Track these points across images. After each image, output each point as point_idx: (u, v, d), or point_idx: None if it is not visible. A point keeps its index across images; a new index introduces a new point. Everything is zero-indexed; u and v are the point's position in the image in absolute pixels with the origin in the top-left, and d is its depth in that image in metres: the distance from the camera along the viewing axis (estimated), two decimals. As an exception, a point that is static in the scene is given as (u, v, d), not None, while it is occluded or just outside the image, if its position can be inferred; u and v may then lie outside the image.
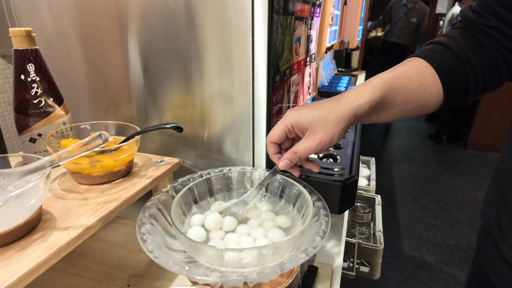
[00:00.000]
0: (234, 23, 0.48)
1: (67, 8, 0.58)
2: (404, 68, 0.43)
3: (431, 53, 0.44)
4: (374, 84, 0.41)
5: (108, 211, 0.39)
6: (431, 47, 0.46)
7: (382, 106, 0.41)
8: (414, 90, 0.42)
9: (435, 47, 0.45)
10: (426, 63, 0.43)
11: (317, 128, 0.40)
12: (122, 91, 0.61)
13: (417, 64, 0.43)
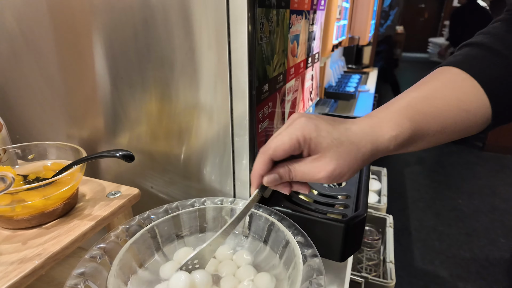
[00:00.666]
0: (203, 20, 0.36)
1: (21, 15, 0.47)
2: (436, 84, 0.33)
3: (470, 59, 0.34)
4: (401, 111, 0.31)
5: (20, 276, 0.29)
6: (468, 52, 0.35)
7: (412, 140, 0.31)
8: (452, 113, 0.31)
9: (474, 52, 0.34)
10: (465, 74, 0.32)
11: (334, 156, 0.30)
12: (86, 106, 0.51)
13: (452, 77, 0.32)
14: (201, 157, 0.46)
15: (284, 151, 0.31)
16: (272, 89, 0.47)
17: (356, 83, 1.47)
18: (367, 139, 0.31)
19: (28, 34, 0.49)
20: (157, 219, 0.40)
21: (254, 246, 0.41)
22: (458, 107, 0.31)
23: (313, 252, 0.34)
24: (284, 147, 0.31)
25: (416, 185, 2.49)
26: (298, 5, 0.53)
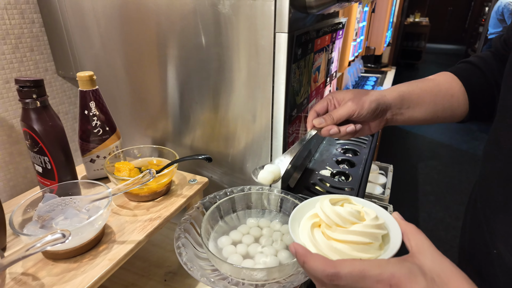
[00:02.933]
0: (257, 71, 0.56)
1: (116, 45, 0.68)
2: (434, 76, 0.53)
3: (460, 70, 0.54)
4: (404, 83, 0.52)
5: (153, 228, 0.50)
6: (461, 65, 0.55)
7: (410, 99, 0.50)
8: (442, 92, 0.51)
9: (464, 66, 0.55)
10: (455, 76, 0.52)
11: (351, 100, 0.50)
12: (160, 113, 0.72)
13: (448, 76, 0.53)
14: (247, 157, 0.66)
15: (321, 106, 0.53)
16: (298, 111, 0.67)
17: (371, 85, 1.62)
18: (374, 93, 0.50)
19: (126, 62, 0.69)
20: (220, 198, 0.61)
21: (284, 219, 0.61)
22: (447, 91, 0.51)
23: (323, 223, 0.54)
24: (321, 104, 0.53)
25: (428, 179, 2.62)
26: (320, 45, 0.71)
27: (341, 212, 0.36)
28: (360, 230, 0.35)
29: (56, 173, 0.50)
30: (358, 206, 0.40)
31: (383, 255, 0.34)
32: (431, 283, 0.28)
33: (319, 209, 0.38)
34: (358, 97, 0.49)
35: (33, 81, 0.46)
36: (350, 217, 0.36)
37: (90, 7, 0.67)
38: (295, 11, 0.53)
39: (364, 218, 0.37)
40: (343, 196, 0.41)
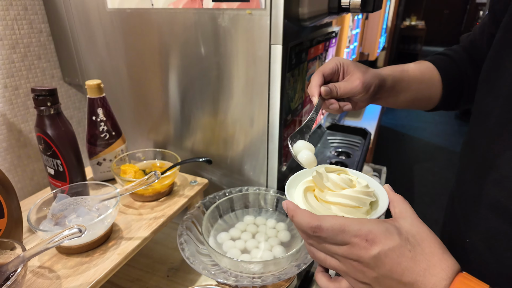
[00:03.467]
0: (254, 80, 0.60)
1: (121, 54, 0.72)
2: (419, 64, 0.58)
3: (438, 60, 0.59)
4: (396, 67, 0.56)
5: (158, 225, 0.54)
6: (438, 56, 0.60)
7: (402, 85, 0.55)
8: (425, 80, 0.56)
9: (442, 57, 0.60)
10: (434, 67, 0.58)
11: (357, 74, 0.50)
12: (162, 118, 0.76)
13: (428, 65, 0.58)
14: (245, 159, 0.70)
15: (330, 69, 0.50)
16: (293, 116, 0.71)
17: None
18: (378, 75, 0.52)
19: (130, 70, 0.73)
20: (220, 198, 0.64)
21: (280, 217, 0.65)
22: (429, 79, 0.57)
23: (316, 221, 0.58)
24: (330, 66, 0.50)
25: (424, 181, 2.66)
26: (314, 54, 0.76)
27: (333, 178, 0.39)
28: (349, 194, 0.37)
29: (68, 175, 0.54)
30: (353, 177, 0.42)
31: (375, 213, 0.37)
32: (405, 241, 0.31)
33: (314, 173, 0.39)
34: (365, 78, 0.50)
35: (48, 90, 0.50)
36: (341, 183, 0.38)
37: (96, 18, 0.71)
38: (289, 23, 0.57)
39: (355, 186, 0.40)
40: (340, 167, 0.43)
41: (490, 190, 0.41)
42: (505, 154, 0.40)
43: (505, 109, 0.41)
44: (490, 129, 0.43)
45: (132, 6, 0.65)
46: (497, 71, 0.43)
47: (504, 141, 0.40)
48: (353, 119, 1.44)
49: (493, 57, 0.45)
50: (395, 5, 2.13)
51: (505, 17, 0.43)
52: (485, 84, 0.46)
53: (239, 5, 0.55)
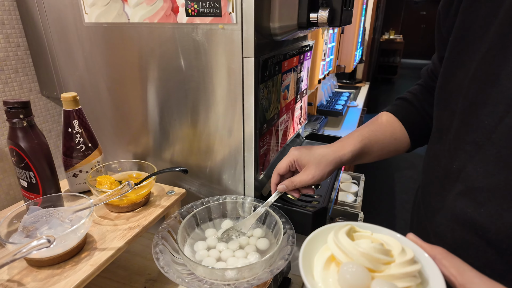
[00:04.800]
0: (229, 91, 0.62)
1: (100, 67, 0.73)
2: (378, 121, 0.60)
3: (399, 108, 0.61)
4: (355, 137, 0.57)
5: (132, 236, 0.54)
6: (399, 103, 0.62)
7: (362, 154, 0.57)
8: (387, 140, 0.58)
9: (402, 103, 0.62)
10: (395, 118, 0.59)
11: (312, 166, 0.54)
12: (141, 130, 0.76)
13: (389, 119, 0.60)
14: (223, 169, 0.71)
15: (284, 168, 0.57)
16: (269, 125, 0.73)
17: (344, 100, 1.72)
18: (335, 155, 0.54)
19: (108, 83, 0.74)
20: (197, 208, 0.65)
21: (256, 224, 0.66)
22: (391, 137, 0.58)
23: (290, 227, 0.60)
24: (283, 165, 0.57)
25: (405, 189, 2.73)
26: (288, 66, 0.78)
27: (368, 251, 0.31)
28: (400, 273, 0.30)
29: (41, 187, 0.54)
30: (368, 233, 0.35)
31: None
32: None
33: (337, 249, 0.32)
34: (318, 164, 0.54)
35: (20, 102, 0.51)
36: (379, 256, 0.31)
37: (74, 32, 0.72)
38: (262, 37, 0.60)
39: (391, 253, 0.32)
40: (344, 223, 0.36)
41: (456, 202, 0.43)
42: (468, 167, 0.41)
43: (461, 123, 0.43)
44: (450, 144, 0.45)
45: (108, 21, 0.66)
46: (448, 87, 0.46)
47: (465, 153, 0.42)
48: (333, 129, 1.48)
49: (444, 74, 0.48)
50: (372, 19, 2.23)
51: (451, 36, 0.46)
52: (440, 100, 0.49)
53: (211, 20, 0.57)
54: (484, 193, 0.40)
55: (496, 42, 0.38)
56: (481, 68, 0.40)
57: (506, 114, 0.37)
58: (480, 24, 0.40)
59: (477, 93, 0.40)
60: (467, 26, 0.42)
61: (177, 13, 0.59)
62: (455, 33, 0.45)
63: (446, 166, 0.45)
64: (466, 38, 0.42)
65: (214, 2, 0.56)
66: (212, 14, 0.57)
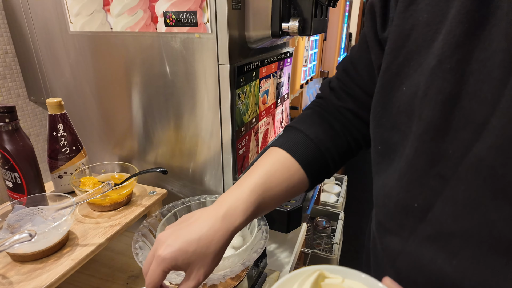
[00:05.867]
0: (206, 96, 0.66)
1: (85, 73, 0.76)
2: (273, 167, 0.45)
3: (294, 145, 0.47)
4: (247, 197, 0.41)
5: (113, 233, 0.57)
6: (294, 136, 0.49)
7: (256, 215, 0.43)
8: (283, 192, 0.45)
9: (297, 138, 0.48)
10: (291, 158, 0.46)
11: (197, 265, 0.38)
12: (126, 134, 0.80)
13: (284, 161, 0.46)
14: (204, 169, 0.75)
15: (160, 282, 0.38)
16: (247, 128, 0.77)
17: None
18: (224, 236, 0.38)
19: (93, 88, 0.78)
20: (177, 207, 0.68)
21: (234, 223, 0.69)
22: (288, 186, 0.45)
23: (265, 223, 0.63)
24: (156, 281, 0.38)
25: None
26: (266, 72, 0.83)
27: None
28: None
29: (26, 187, 0.57)
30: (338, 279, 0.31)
31: None
32: None
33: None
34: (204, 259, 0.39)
35: (6, 107, 0.54)
36: None
37: (60, 40, 0.75)
38: (237, 45, 0.64)
39: None
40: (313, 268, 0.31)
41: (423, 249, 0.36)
42: (435, 207, 0.34)
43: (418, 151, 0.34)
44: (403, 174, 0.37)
45: (92, 30, 0.70)
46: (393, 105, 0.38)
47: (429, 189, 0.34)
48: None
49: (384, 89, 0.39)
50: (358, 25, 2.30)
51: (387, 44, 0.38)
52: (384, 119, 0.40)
53: (188, 29, 0.61)
54: (456, 240, 0.33)
55: (447, 54, 0.31)
56: (433, 86, 0.32)
57: (473, 143, 0.30)
58: (423, 32, 0.33)
59: (434, 115, 0.32)
60: (407, 32, 0.35)
61: (156, 23, 0.63)
62: (392, 40, 0.37)
63: (403, 203, 0.37)
64: (407, 48, 0.35)
65: (191, 13, 0.60)
66: (188, 24, 0.61)
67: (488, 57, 0.29)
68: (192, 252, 0.37)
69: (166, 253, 0.37)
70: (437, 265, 0.34)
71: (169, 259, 0.37)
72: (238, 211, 0.40)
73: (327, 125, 0.50)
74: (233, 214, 0.40)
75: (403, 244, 0.38)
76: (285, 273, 0.72)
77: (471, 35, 0.30)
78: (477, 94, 0.30)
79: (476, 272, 0.32)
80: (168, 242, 0.38)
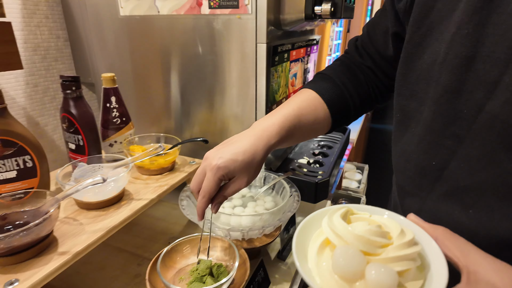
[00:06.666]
0: (243, 74, 0.72)
1: (128, 54, 0.84)
2: (303, 104, 0.51)
3: (323, 89, 0.54)
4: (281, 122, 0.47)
5: (162, 190, 0.64)
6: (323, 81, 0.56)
7: (286, 140, 0.49)
8: (309, 125, 0.51)
9: (326, 84, 0.55)
10: (320, 98, 0.53)
11: (244, 173, 0.44)
12: (164, 111, 0.87)
13: (312, 99, 0.52)
14: (237, 144, 0.81)
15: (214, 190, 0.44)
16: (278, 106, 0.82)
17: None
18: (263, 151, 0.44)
19: (137, 71, 0.85)
20: (214, 176, 0.74)
21: (267, 191, 0.75)
22: (314, 121, 0.51)
23: (296, 189, 0.68)
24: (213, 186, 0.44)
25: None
26: (295, 56, 0.88)
27: (364, 234, 0.29)
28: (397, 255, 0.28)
29: (87, 148, 0.64)
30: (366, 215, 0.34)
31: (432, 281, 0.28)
32: None
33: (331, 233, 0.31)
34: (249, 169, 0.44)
35: (72, 76, 0.61)
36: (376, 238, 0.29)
37: (109, 24, 0.83)
38: (272, 27, 0.70)
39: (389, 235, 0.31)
40: (341, 206, 0.34)
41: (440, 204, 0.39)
42: (451, 164, 0.37)
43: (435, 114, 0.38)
44: (421, 138, 0.40)
45: (141, 13, 0.77)
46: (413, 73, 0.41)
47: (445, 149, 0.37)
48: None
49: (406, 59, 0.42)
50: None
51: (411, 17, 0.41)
52: (404, 89, 0.44)
53: (230, 11, 0.68)
54: (471, 193, 0.36)
55: (466, 21, 0.34)
56: (451, 51, 0.35)
57: (486, 101, 0.33)
58: (446, 3, 0.37)
59: (450, 79, 0.35)
60: (430, 4, 0.38)
61: (200, 6, 0.70)
62: (416, 13, 0.40)
63: (422, 164, 0.40)
64: (430, 19, 0.38)
65: (233, -4, 0.66)
66: (231, 6, 0.67)
67: (504, 20, 0.31)
68: (240, 162, 0.43)
69: (220, 163, 0.43)
70: (454, 217, 0.37)
71: (223, 167, 0.43)
72: (274, 133, 0.46)
73: (353, 75, 0.55)
74: (269, 135, 0.46)
75: (422, 203, 0.41)
76: (312, 240, 0.77)
77: (488, 1, 0.33)
78: (491, 56, 0.32)
79: (490, 219, 0.34)
80: (220, 155, 0.44)
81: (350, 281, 0.28)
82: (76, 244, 0.48)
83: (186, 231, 0.78)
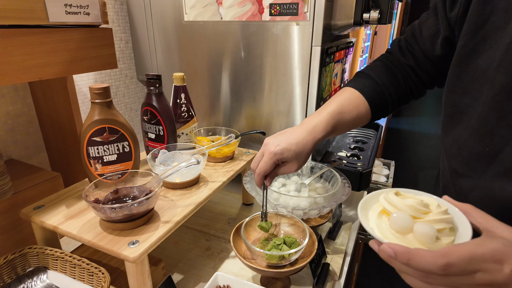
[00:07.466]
0: (297, 73, 0.81)
1: (188, 56, 0.93)
2: (346, 102, 0.60)
3: (364, 87, 0.61)
4: (327, 119, 0.57)
5: (230, 174, 0.74)
6: (362, 79, 0.63)
7: (331, 134, 0.59)
8: (352, 120, 0.60)
9: (367, 82, 0.62)
10: (362, 96, 0.61)
11: (294, 160, 0.55)
12: (216, 106, 0.96)
13: (355, 98, 0.60)
14: (286, 137, 0.89)
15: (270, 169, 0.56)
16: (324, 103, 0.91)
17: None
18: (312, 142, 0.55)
19: (195, 73, 0.94)
20: (269, 164, 0.83)
21: (316, 180, 0.83)
22: (356, 116, 0.60)
23: (344, 178, 0.77)
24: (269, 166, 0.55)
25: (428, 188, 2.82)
26: (338, 57, 0.96)
27: (412, 204, 0.39)
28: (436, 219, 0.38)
29: (166, 138, 0.74)
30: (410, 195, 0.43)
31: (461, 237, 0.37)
32: None
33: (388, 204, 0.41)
34: (299, 157, 0.55)
35: (156, 75, 0.71)
36: (420, 207, 0.39)
37: (173, 29, 0.93)
38: (324, 32, 0.78)
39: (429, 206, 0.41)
40: (392, 189, 0.44)
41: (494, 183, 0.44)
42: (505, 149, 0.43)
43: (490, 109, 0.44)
44: (475, 129, 0.46)
45: (204, 19, 0.86)
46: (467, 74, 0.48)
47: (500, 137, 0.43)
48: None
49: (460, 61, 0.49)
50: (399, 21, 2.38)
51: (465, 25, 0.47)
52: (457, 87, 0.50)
53: (290, 18, 0.76)
54: None
55: None
56: (507, 58, 0.41)
57: None
58: (501, 17, 0.43)
59: (506, 80, 0.42)
60: (485, 17, 0.44)
61: (262, 13, 0.79)
62: (471, 23, 0.46)
63: (475, 149, 0.46)
64: (484, 29, 0.45)
65: (293, 5, 0.75)
66: (290, 13, 0.76)
67: None
68: (293, 151, 0.54)
69: (277, 149, 0.54)
70: (507, 191, 0.43)
71: (279, 153, 0.54)
72: (321, 129, 0.56)
73: (392, 75, 0.62)
74: (317, 131, 0.56)
75: (475, 183, 0.47)
76: (356, 224, 0.86)
77: None
78: None
79: None
80: (277, 143, 0.55)
81: (403, 233, 0.38)
82: (174, 215, 0.58)
83: (242, 213, 0.87)
